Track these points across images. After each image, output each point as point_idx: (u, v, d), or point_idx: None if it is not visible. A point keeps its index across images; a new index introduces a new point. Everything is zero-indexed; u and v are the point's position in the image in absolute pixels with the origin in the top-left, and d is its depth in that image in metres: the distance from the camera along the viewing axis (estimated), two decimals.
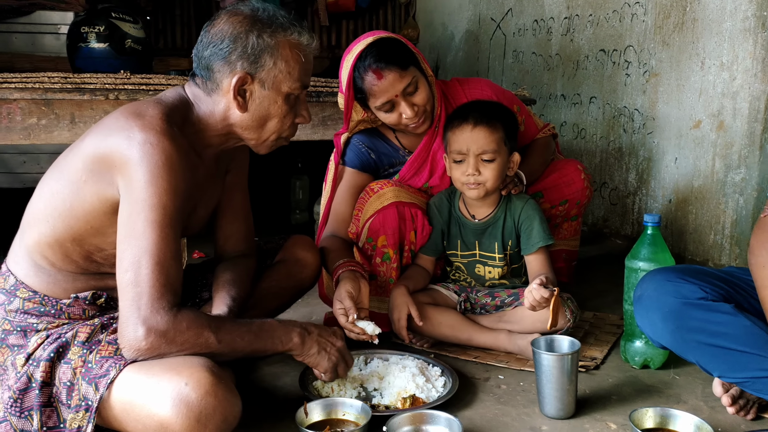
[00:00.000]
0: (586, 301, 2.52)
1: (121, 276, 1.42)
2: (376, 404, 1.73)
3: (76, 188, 1.49)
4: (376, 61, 2.07)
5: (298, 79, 1.60)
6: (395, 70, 2.07)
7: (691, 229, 3.06)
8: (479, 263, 2.21)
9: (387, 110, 2.15)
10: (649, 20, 3.26)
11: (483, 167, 2.05)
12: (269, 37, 1.55)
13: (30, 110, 2.19)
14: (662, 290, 1.68)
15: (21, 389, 1.47)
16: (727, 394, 1.69)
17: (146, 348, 1.39)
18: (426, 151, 2.26)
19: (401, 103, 2.12)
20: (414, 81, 2.12)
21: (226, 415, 1.36)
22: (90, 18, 2.98)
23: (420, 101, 2.14)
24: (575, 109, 3.87)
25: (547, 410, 1.72)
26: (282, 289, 1.99)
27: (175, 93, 1.62)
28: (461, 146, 2.05)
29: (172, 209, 1.43)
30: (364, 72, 2.09)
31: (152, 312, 1.39)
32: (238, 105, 1.57)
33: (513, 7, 4.46)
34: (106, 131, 1.47)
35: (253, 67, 1.55)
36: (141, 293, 1.39)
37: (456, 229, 2.21)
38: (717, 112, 2.90)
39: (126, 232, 1.43)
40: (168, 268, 1.42)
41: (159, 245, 1.41)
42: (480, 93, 2.32)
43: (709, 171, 2.96)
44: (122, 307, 1.42)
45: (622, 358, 2.05)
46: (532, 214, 2.13)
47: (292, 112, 1.65)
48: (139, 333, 1.38)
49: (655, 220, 1.92)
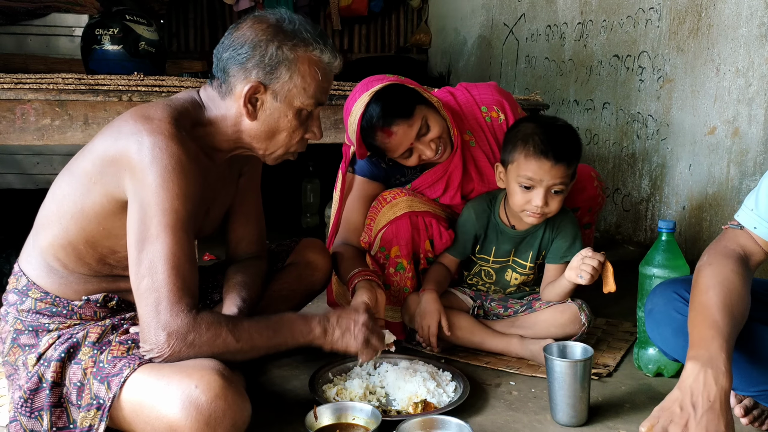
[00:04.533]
0: (599, 307, 2.50)
1: (138, 282, 1.42)
2: (387, 409, 1.72)
3: (86, 190, 1.50)
4: (382, 120, 2.02)
5: (312, 96, 1.58)
6: (403, 122, 2.02)
7: (705, 237, 3.03)
8: (510, 269, 2.20)
9: (407, 157, 2.12)
10: (663, 26, 3.25)
11: (551, 198, 1.98)
12: (289, 50, 1.53)
13: (44, 111, 2.20)
14: (672, 306, 1.66)
15: (32, 389, 1.48)
16: (740, 405, 1.66)
17: (169, 353, 1.40)
18: (443, 170, 2.23)
19: (418, 147, 2.09)
20: (424, 122, 2.06)
21: (235, 418, 1.36)
22: (104, 20, 2.99)
23: (435, 136, 2.09)
24: (588, 114, 3.85)
25: (559, 417, 1.70)
26: (292, 292, 1.98)
27: (187, 95, 1.62)
28: (534, 176, 1.95)
29: (184, 213, 1.43)
30: (372, 133, 2.05)
31: (172, 316, 1.39)
32: (248, 113, 1.56)
33: (526, 13, 4.45)
34: (116, 134, 1.47)
35: (268, 78, 1.54)
36: (159, 299, 1.40)
37: (493, 236, 2.17)
38: (732, 118, 2.87)
39: (139, 237, 1.42)
40: (184, 272, 1.42)
41: (173, 249, 1.41)
42: (490, 98, 2.30)
43: (723, 178, 2.93)
44: (142, 313, 1.42)
45: (635, 366, 2.03)
46: (571, 227, 2.12)
47: (302, 127, 1.63)
48: (161, 338, 1.39)
49: (670, 227, 1.90)
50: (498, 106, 2.29)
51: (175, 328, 1.39)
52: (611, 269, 1.91)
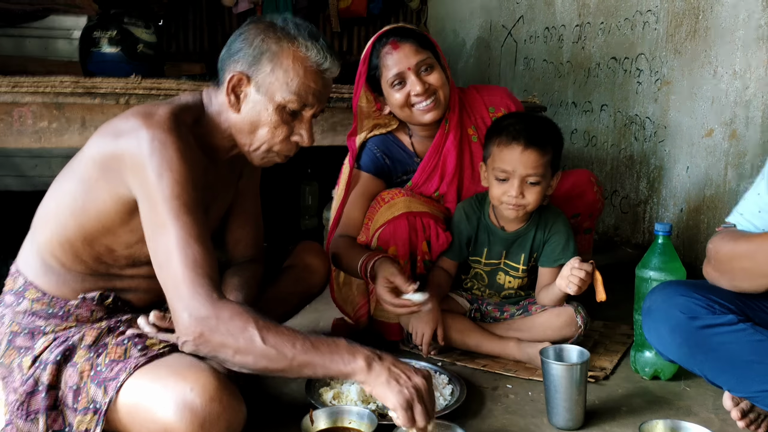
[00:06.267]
0: (596, 310, 2.49)
1: (159, 273, 1.42)
2: (383, 413, 1.72)
3: (87, 187, 1.50)
4: (394, 35, 2.15)
5: (294, 93, 1.56)
6: (412, 43, 2.13)
7: (702, 239, 3.03)
8: (502, 271, 2.19)
9: (397, 85, 2.15)
10: (661, 28, 3.25)
11: (527, 190, 1.99)
12: (274, 43, 1.55)
13: (41, 114, 2.20)
14: (670, 303, 1.66)
15: (27, 392, 1.47)
16: (737, 408, 1.66)
17: (196, 334, 1.35)
18: (436, 153, 2.25)
19: (412, 78, 2.12)
20: (429, 61, 2.15)
21: (230, 421, 1.35)
22: (102, 23, 3.00)
23: (432, 81, 2.15)
24: (586, 116, 3.85)
25: (555, 421, 1.70)
26: (290, 295, 1.98)
27: (191, 95, 1.64)
28: (507, 166, 1.97)
29: (187, 198, 1.43)
30: (381, 46, 2.15)
31: (191, 298, 1.36)
32: (230, 104, 1.57)
33: (524, 15, 4.46)
34: (116, 131, 1.47)
35: (251, 69, 1.55)
36: (177, 284, 1.38)
37: (484, 237, 2.17)
38: (729, 120, 2.87)
39: (151, 230, 1.43)
40: (195, 255, 1.39)
41: (181, 234, 1.40)
42: (500, 101, 2.31)
43: (721, 180, 2.93)
44: (169, 301, 1.41)
45: (632, 369, 2.03)
46: (564, 230, 2.11)
47: (287, 126, 1.60)
48: (185, 321, 1.36)
49: (666, 230, 1.90)
50: (506, 109, 2.31)
51: (194, 309, 1.36)
52: (600, 279, 1.90)
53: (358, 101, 2.26)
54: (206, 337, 1.36)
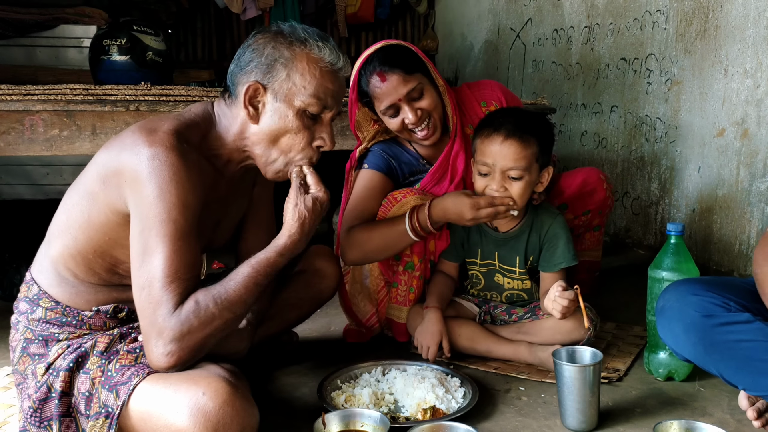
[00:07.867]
0: (609, 311, 2.48)
1: (138, 294, 1.42)
2: (395, 415, 1.72)
3: (92, 199, 1.51)
4: (380, 65, 2.09)
5: (313, 95, 1.56)
6: (399, 73, 2.07)
7: (715, 239, 3.01)
8: (498, 273, 2.18)
9: (391, 115, 2.13)
10: (670, 28, 3.23)
11: (509, 184, 1.94)
12: (286, 48, 1.55)
13: (52, 122, 2.22)
14: (685, 302, 1.65)
15: (41, 399, 1.48)
16: (752, 408, 1.64)
17: (174, 361, 1.40)
18: (446, 162, 2.24)
19: (405, 108, 2.10)
20: (419, 87, 2.10)
21: (243, 425, 1.36)
22: (112, 31, 3.02)
23: (425, 106, 2.12)
24: (596, 118, 3.84)
25: (568, 423, 1.69)
26: (301, 300, 1.98)
27: (201, 108, 1.63)
28: (488, 159, 1.95)
29: (183, 223, 1.43)
30: (369, 75, 2.11)
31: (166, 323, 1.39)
32: (249, 115, 1.56)
33: (533, 17, 4.45)
34: (120, 145, 1.48)
35: (266, 77, 1.54)
36: (156, 309, 1.39)
37: (477, 237, 2.15)
38: (741, 120, 2.85)
39: (139, 250, 1.43)
40: (180, 283, 1.41)
41: (171, 259, 1.41)
42: (490, 94, 2.31)
43: (733, 180, 2.91)
44: (142, 325, 1.42)
45: (645, 370, 2.02)
46: (560, 232, 2.06)
47: (308, 131, 1.59)
48: (161, 349, 1.39)
49: (679, 230, 1.89)
50: (497, 102, 2.30)
51: (169, 336, 1.39)
52: (583, 306, 1.86)
53: (355, 121, 2.26)
54: (187, 358, 1.41)
